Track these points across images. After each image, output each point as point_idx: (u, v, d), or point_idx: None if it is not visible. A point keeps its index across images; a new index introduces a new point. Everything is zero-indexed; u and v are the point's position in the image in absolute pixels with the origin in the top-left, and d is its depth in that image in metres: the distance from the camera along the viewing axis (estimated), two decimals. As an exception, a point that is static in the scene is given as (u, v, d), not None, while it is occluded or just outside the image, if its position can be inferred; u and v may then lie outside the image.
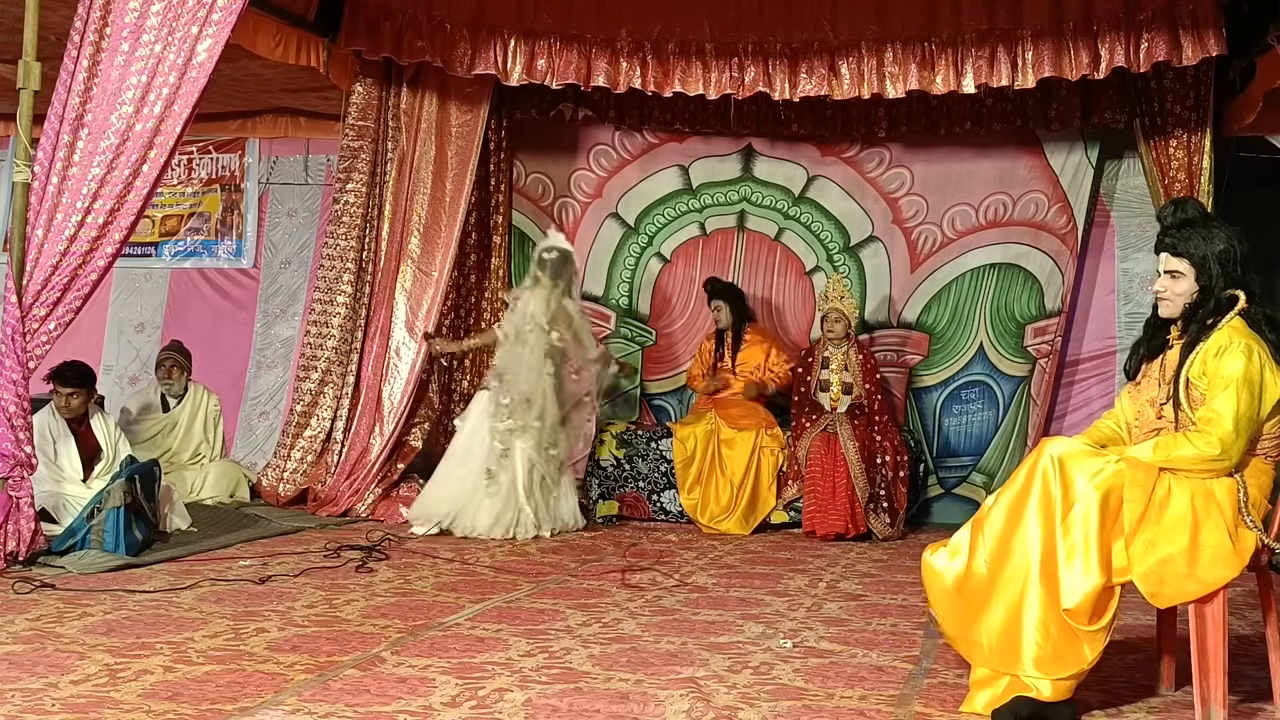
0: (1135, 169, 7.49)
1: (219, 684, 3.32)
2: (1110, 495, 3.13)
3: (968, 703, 3.25)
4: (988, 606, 3.23)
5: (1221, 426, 3.16)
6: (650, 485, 7.31)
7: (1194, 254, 3.33)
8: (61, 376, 6.08)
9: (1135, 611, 4.31)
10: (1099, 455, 3.24)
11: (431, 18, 7.02)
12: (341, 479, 7.08)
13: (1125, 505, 3.12)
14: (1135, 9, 6.40)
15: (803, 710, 3.23)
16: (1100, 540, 3.09)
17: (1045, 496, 3.17)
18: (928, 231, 7.90)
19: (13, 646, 3.67)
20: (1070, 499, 3.14)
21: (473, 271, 7.96)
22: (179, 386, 7.53)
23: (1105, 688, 3.53)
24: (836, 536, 6.71)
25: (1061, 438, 3.36)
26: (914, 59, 6.71)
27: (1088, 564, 3.08)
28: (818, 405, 7.17)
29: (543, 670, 3.57)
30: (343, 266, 7.38)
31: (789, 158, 8.08)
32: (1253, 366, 3.18)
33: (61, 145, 5.04)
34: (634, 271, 8.22)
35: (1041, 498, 3.17)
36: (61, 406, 6.09)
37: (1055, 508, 3.15)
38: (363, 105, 7.37)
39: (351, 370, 7.31)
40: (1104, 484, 3.13)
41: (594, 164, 8.25)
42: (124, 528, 5.28)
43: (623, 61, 7.03)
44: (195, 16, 5.05)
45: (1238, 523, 3.18)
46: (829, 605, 4.76)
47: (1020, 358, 7.68)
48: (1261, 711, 3.36)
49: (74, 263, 5.04)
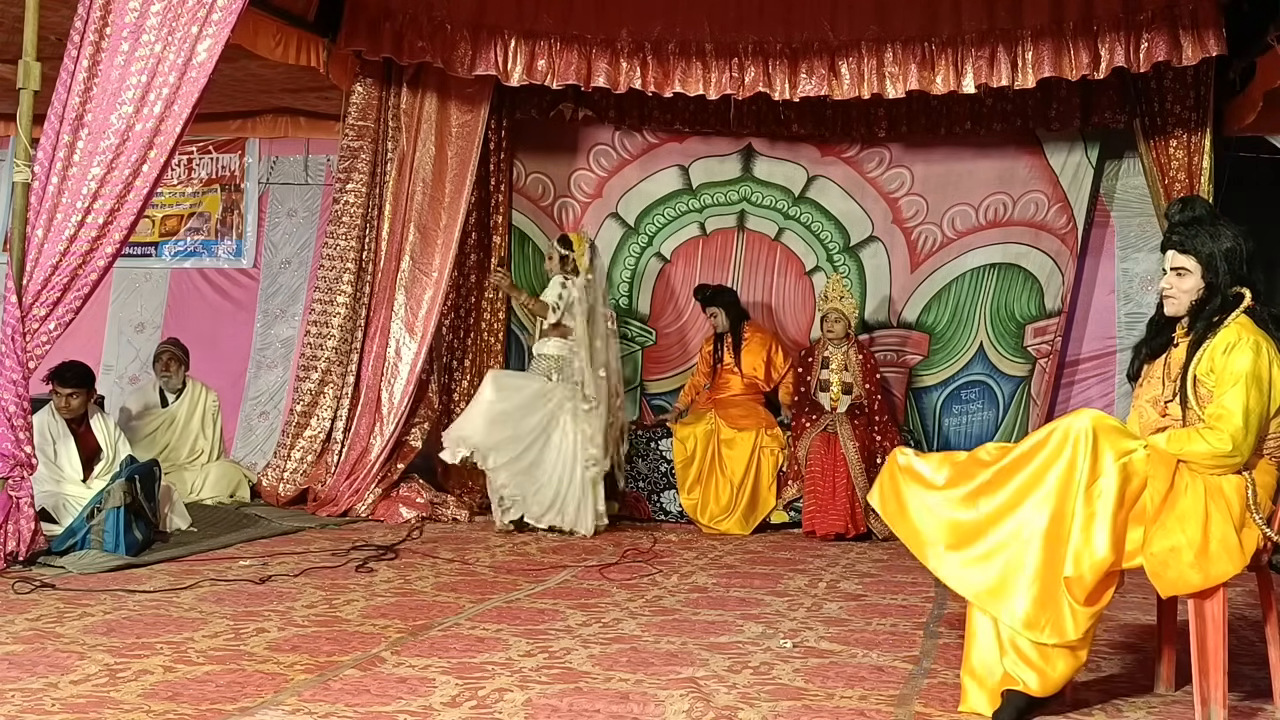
0: (1135, 169, 7.50)
1: (219, 684, 3.32)
2: (1132, 479, 3.13)
3: (965, 701, 3.25)
4: (971, 541, 3.24)
5: (1232, 422, 3.17)
6: (650, 485, 7.31)
7: (1201, 251, 3.34)
8: (61, 377, 6.08)
9: (1135, 611, 4.32)
10: (1131, 436, 3.24)
11: (432, 18, 7.02)
12: (341, 479, 7.08)
13: (1149, 491, 3.13)
14: (1135, 9, 6.40)
15: (803, 710, 3.23)
16: (1115, 519, 3.09)
17: (1071, 464, 3.15)
18: (928, 231, 7.90)
19: (13, 646, 3.66)
20: (1098, 471, 3.13)
21: (473, 271, 7.96)
22: (177, 381, 7.52)
23: (1105, 688, 3.53)
24: (836, 536, 6.71)
25: (1096, 411, 3.33)
26: (914, 59, 6.71)
27: (1101, 538, 3.08)
28: (818, 405, 7.17)
29: (543, 670, 3.57)
30: (343, 266, 7.38)
31: (789, 158, 8.08)
32: (1261, 363, 3.19)
33: (61, 145, 5.04)
34: (634, 271, 8.22)
35: (1068, 465, 3.16)
36: (61, 407, 6.09)
37: (1078, 477, 3.13)
38: (363, 105, 7.37)
39: (351, 370, 7.30)
40: (1129, 466, 3.13)
41: (594, 164, 8.25)
42: (124, 528, 5.28)
43: (623, 62, 7.03)
44: (195, 16, 5.05)
45: (1243, 520, 3.19)
46: (829, 605, 4.76)
47: (1020, 358, 7.69)
48: (1261, 711, 3.36)
49: (74, 263, 5.04)
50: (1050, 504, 3.15)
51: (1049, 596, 3.11)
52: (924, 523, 3.37)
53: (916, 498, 3.40)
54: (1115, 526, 3.10)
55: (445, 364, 7.85)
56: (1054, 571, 3.11)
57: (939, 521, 3.33)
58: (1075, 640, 3.11)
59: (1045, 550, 3.13)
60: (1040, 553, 3.13)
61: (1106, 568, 3.10)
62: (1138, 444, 3.21)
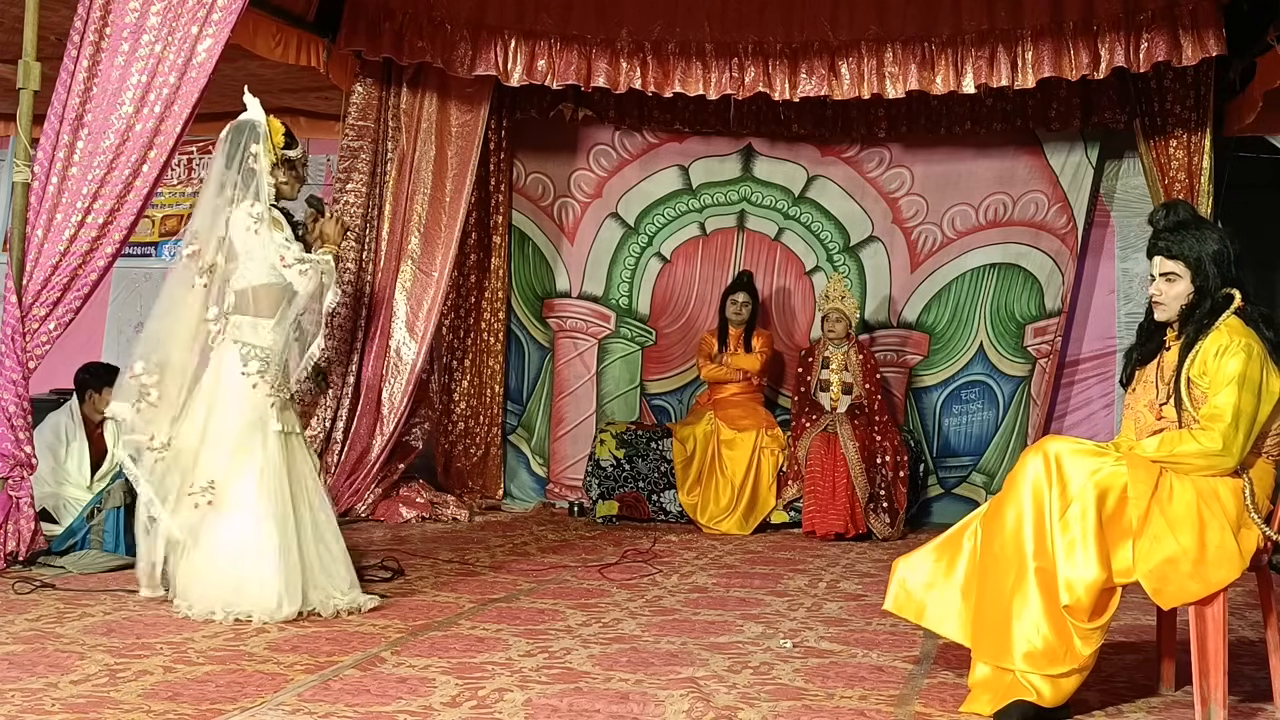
0: (1135, 169, 7.49)
1: (219, 684, 3.32)
2: (1108, 494, 3.14)
3: (968, 703, 3.25)
4: (972, 594, 3.30)
5: (1223, 422, 3.17)
6: (650, 485, 7.30)
7: (1189, 255, 3.34)
8: (102, 373, 6.13)
9: (1135, 612, 4.31)
10: (1097, 454, 3.25)
11: (432, 18, 7.02)
12: (342, 479, 7.08)
13: (1130, 504, 3.13)
14: (1135, 9, 6.40)
15: (803, 710, 3.23)
16: (1098, 537, 3.11)
17: (1037, 493, 3.18)
18: (928, 231, 7.90)
19: (13, 646, 3.66)
20: (1067, 497, 3.15)
21: (473, 271, 7.96)
22: None
23: (1105, 688, 3.53)
24: (836, 536, 6.71)
25: (1060, 436, 3.38)
26: (914, 59, 6.71)
27: (1087, 559, 3.09)
28: (818, 405, 7.17)
29: (543, 670, 3.57)
30: (342, 266, 7.37)
31: (789, 158, 8.07)
32: (1253, 365, 3.19)
33: (61, 145, 5.03)
34: (634, 271, 8.22)
35: (1034, 494, 3.19)
36: (101, 404, 6.16)
37: (1048, 505, 3.16)
38: (363, 105, 7.37)
39: (351, 370, 7.30)
40: (1102, 482, 3.14)
41: (594, 164, 8.24)
42: (124, 528, 5.26)
43: (623, 62, 7.03)
44: (195, 16, 5.05)
45: (1240, 523, 3.19)
46: (829, 605, 4.76)
47: (1020, 358, 7.69)
48: (1261, 711, 3.36)
49: (74, 263, 5.03)
50: (1031, 538, 3.17)
51: (1054, 632, 3.12)
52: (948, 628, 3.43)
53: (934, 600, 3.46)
54: (1100, 545, 3.10)
55: (445, 364, 7.85)
56: (1053, 606, 3.13)
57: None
58: (1087, 658, 3.13)
59: (1040, 587, 3.14)
60: (1036, 591, 3.14)
61: (1101, 584, 3.10)
62: (1105, 459, 3.21)
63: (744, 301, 7.52)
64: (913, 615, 3.48)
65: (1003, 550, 3.23)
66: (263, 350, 4.37)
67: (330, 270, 4.53)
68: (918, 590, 3.46)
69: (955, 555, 3.42)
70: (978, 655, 3.27)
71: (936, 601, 3.42)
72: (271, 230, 4.41)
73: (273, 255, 4.37)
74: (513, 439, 8.18)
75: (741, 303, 7.52)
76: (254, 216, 4.39)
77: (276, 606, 4.14)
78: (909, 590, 3.48)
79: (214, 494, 4.23)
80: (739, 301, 7.53)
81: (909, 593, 3.48)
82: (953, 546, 3.45)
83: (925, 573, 3.46)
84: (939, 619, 3.41)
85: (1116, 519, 3.14)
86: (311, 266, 4.43)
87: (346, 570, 4.45)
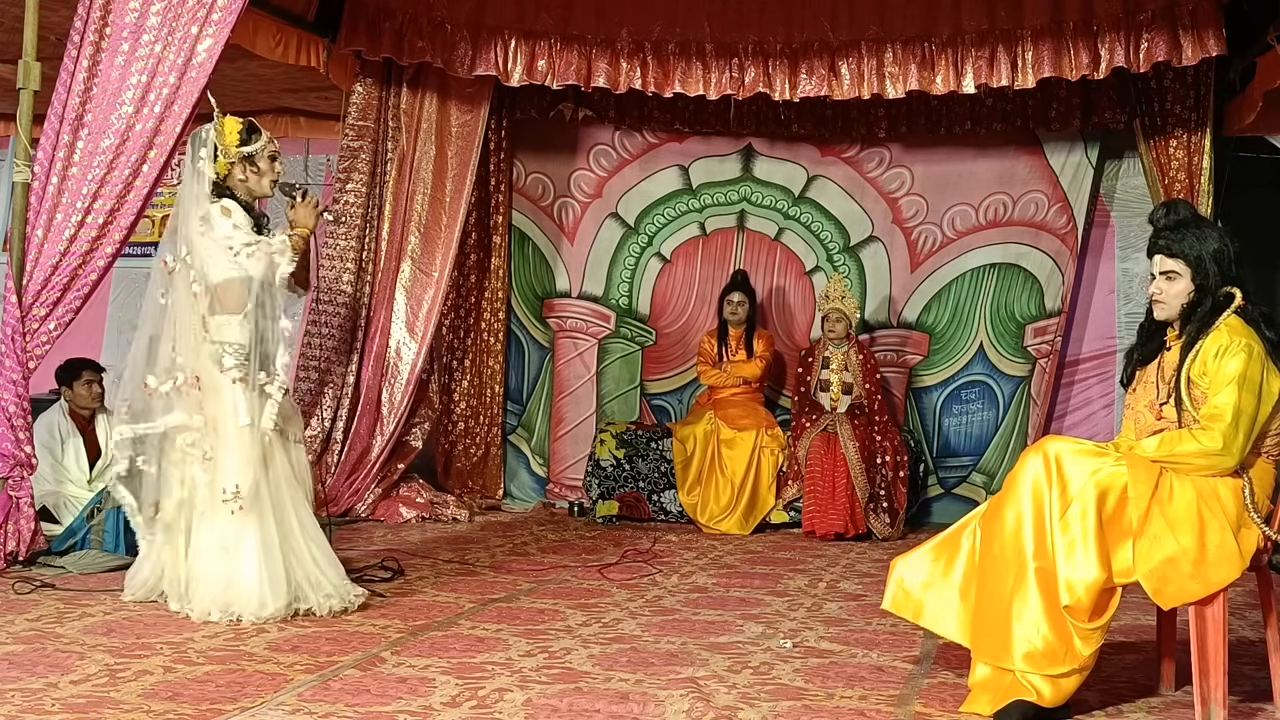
0: (1135, 169, 7.49)
1: (219, 684, 3.32)
2: (1108, 494, 3.14)
3: (968, 703, 3.25)
4: (970, 594, 3.31)
5: (1223, 422, 3.17)
6: (650, 485, 7.30)
7: (1189, 254, 3.34)
8: (79, 365, 6.17)
9: (1135, 612, 4.31)
10: (1097, 454, 3.25)
11: (432, 18, 7.02)
12: (342, 479, 7.08)
13: (1130, 504, 3.13)
14: (1135, 9, 6.40)
15: (803, 710, 3.23)
16: (1099, 537, 3.11)
17: (1037, 493, 3.18)
18: (928, 231, 7.90)
19: (13, 646, 3.66)
20: (1067, 498, 3.16)
21: (473, 271, 7.96)
22: None
23: (1105, 688, 3.53)
24: (836, 536, 6.71)
25: (1059, 436, 3.38)
26: (914, 59, 6.71)
27: (1087, 560, 3.09)
28: (818, 405, 7.17)
29: (543, 670, 3.57)
30: (343, 266, 7.37)
31: (789, 158, 8.07)
32: (1253, 365, 3.19)
33: (61, 145, 5.03)
34: (634, 271, 8.22)
35: (1034, 494, 3.19)
36: (84, 395, 6.18)
37: (1048, 505, 3.16)
38: (363, 105, 7.37)
39: (351, 370, 7.30)
40: (1102, 482, 3.14)
41: (594, 164, 8.24)
42: (124, 528, 5.26)
43: (623, 62, 7.03)
44: (195, 16, 5.05)
45: (1240, 523, 3.19)
46: (829, 605, 4.76)
47: (1020, 358, 7.69)
48: (1261, 711, 3.36)
49: (74, 263, 5.03)
50: (1031, 539, 3.17)
51: (1054, 632, 3.12)
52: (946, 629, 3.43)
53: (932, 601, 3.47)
54: (1100, 544, 3.10)
55: (445, 364, 7.85)
56: (1053, 607, 3.13)
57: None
58: (1087, 658, 3.13)
59: (1040, 588, 3.14)
60: (1036, 591, 3.14)
61: (1101, 585, 3.10)
62: (1105, 459, 3.22)
63: (740, 301, 7.52)
64: (911, 614, 3.48)
65: (1003, 550, 3.23)
66: (236, 346, 4.35)
67: (283, 249, 4.45)
68: (916, 590, 3.46)
69: (953, 555, 3.42)
70: (978, 655, 3.27)
71: (934, 601, 3.42)
72: (220, 222, 4.39)
73: (223, 246, 4.36)
74: (513, 439, 8.18)
75: (738, 302, 7.52)
76: (201, 219, 4.41)
77: (260, 605, 4.13)
78: (907, 589, 3.48)
79: (243, 499, 4.22)
80: (735, 301, 7.53)
81: (907, 592, 3.48)
82: (951, 546, 3.45)
83: (923, 572, 3.46)
84: (937, 618, 3.41)
85: (1116, 519, 3.14)
86: (258, 247, 4.39)
87: (331, 566, 4.44)
